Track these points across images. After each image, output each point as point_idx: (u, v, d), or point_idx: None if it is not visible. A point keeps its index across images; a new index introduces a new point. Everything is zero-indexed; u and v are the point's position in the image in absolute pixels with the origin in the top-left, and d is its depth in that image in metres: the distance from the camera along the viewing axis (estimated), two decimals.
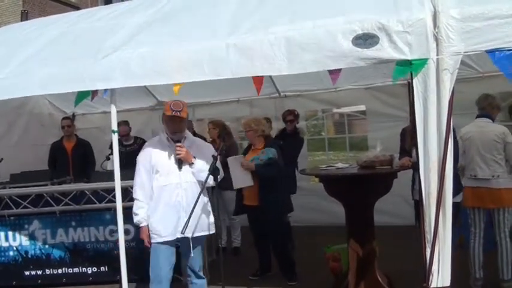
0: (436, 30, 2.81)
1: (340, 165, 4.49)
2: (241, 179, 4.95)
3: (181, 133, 3.83)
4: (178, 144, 3.72)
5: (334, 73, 3.19)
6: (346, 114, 8.22)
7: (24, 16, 13.63)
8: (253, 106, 7.84)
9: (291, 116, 6.36)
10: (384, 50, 2.87)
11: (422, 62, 2.81)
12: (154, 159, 3.78)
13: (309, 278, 5.05)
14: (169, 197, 3.73)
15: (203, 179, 3.73)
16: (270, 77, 6.84)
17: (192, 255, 3.79)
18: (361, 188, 4.07)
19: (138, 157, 3.87)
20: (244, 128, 5.25)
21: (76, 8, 14.30)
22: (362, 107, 7.49)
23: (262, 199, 4.89)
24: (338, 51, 3.02)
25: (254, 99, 7.71)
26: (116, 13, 4.62)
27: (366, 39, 2.91)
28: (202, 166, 3.76)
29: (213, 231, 3.96)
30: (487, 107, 4.51)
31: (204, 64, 3.40)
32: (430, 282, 2.89)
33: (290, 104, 7.31)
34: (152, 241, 3.76)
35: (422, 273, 2.98)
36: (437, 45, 2.83)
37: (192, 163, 3.75)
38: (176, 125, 3.78)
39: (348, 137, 8.15)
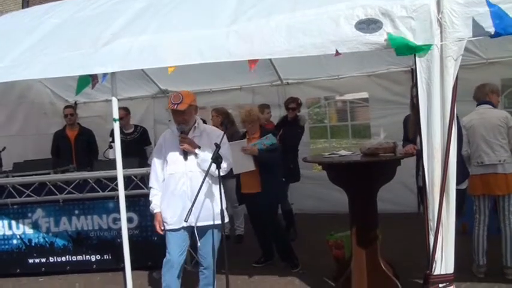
0: (440, 16, 2.77)
1: (343, 152, 4.47)
2: (243, 164, 4.91)
3: (185, 124, 3.84)
4: (182, 135, 3.77)
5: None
6: (349, 101, 8.18)
7: (25, 3, 13.57)
8: (256, 93, 7.81)
9: (293, 104, 6.32)
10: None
11: (426, 47, 2.78)
12: (164, 149, 3.86)
13: (312, 266, 5.06)
14: (175, 185, 3.77)
15: (206, 168, 3.72)
16: (273, 64, 6.82)
17: (198, 244, 3.81)
18: (365, 175, 4.04)
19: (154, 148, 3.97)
20: (247, 119, 5.10)
21: None
22: (365, 94, 7.46)
23: (263, 184, 4.91)
24: (340, 36, 2.99)
25: (256, 87, 7.70)
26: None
27: (369, 24, 2.87)
28: (205, 156, 3.76)
29: (220, 221, 3.83)
30: (483, 96, 4.53)
31: (203, 48, 3.39)
32: (433, 270, 2.89)
33: (292, 91, 7.28)
34: (165, 228, 3.83)
35: (425, 260, 2.98)
36: (441, 31, 2.79)
37: (196, 153, 3.77)
38: (178, 117, 3.80)
39: (351, 125, 8.10)
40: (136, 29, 3.75)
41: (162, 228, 3.76)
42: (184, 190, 3.76)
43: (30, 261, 5.61)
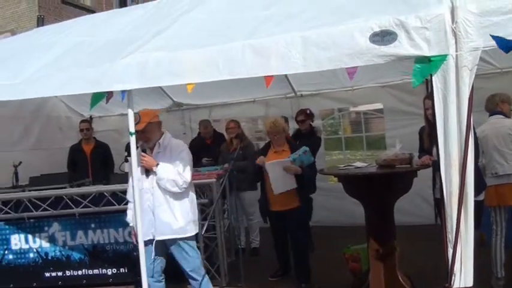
0: (454, 26, 2.75)
1: (359, 164, 4.45)
2: (285, 183, 4.79)
3: (147, 142, 4.03)
4: (142, 153, 3.95)
5: (351, 71, 3.15)
6: (363, 112, 8.15)
7: (41, 21, 13.71)
8: (269, 106, 7.84)
9: (301, 116, 6.30)
10: (402, 47, 2.82)
11: (442, 58, 2.75)
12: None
13: (328, 279, 5.01)
14: (143, 200, 3.89)
15: (163, 186, 3.91)
16: (286, 76, 6.83)
17: (152, 255, 3.94)
18: (381, 187, 4.02)
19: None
20: (275, 129, 4.98)
21: (91, 11, 14.41)
22: (379, 105, 7.42)
23: (301, 200, 4.86)
24: (355, 49, 2.97)
25: (270, 99, 7.72)
26: (131, 18, 4.66)
27: (383, 36, 2.86)
28: (161, 174, 3.89)
29: (183, 235, 3.97)
30: (494, 106, 4.53)
31: (219, 64, 3.39)
32: (452, 283, 2.84)
33: (306, 103, 7.28)
34: None
35: (444, 273, 2.93)
36: (456, 41, 2.77)
37: (154, 170, 3.93)
38: (139, 136, 3.93)
39: (365, 136, 8.07)
40: (152, 46, 3.77)
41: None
42: (149, 205, 3.94)
43: (47, 274, 5.65)
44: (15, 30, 13.90)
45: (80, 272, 5.60)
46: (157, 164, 3.92)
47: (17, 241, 5.71)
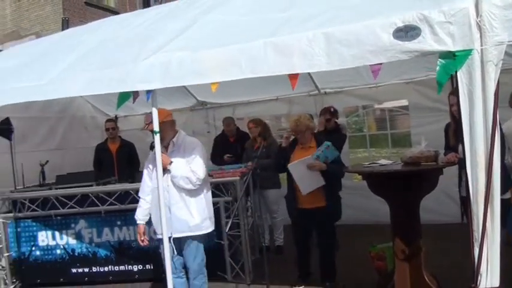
0: (479, 19, 2.69)
1: (383, 161, 4.40)
2: (311, 181, 4.68)
3: (161, 141, 3.98)
4: None
5: (375, 67, 3.12)
6: (388, 109, 8.05)
7: (65, 23, 13.98)
8: (293, 104, 7.82)
9: (326, 115, 6.27)
10: (426, 42, 2.77)
11: (467, 53, 2.70)
12: (151, 164, 4.15)
13: (353, 277, 4.98)
14: (157, 199, 3.90)
15: (178, 184, 3.98)
16: (309, 74, 6.79)
17: (174, 254, 4.01)
18: (406, 185, 3.97)
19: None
20: (297, 127, 4.85)
21: (115, 12, 14.61)
22: (404, 102, 7.32)
23: (329, 198, 4.75)
24: (379, 45, 2.93)
25: (293, 97, 7.69)
26: (154, 18, 4.70)
27: (407, 32, 2.81)
28: (175, 171, 3.96)
29: (199, 232, 4.05)
30: None
31: (242, 63, 3.39)
32: (478, 283, 2.79)
33: (330, 100, 7.23)
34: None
35: (470, 273, 2.88)
36: (480, 35, 2.71)
37: (168, 169, 3.97)
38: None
39: (390, 133, 7.97)
40: (175, 46, 3.80)
41: (142, 239, 3.95)
42: (165, 203, 3.89)
43: (74, 270, 5.79)
44: (40, 33, 14.16)
45: (106, 268, 5.70)
46: (171, 162, 3.98)
47: (44, 238, 5.86)
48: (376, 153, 10.36)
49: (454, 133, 4.13)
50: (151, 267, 5.54)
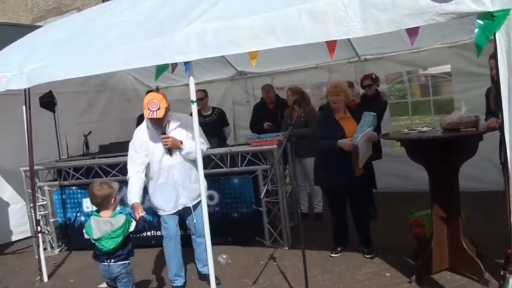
0: None
1: (423, 128, 4.34)
2: (367, 153, 4.73)
3: (162, 126, 4.16)
4: (164, 136, 4.15)
5: (412, 33, 3.05)
6: (430, 75, 7.82)
7: None
8: (332, 72, 7.72)
9: (368, 81, 6.19)
10: (464, 3, 2.68)
11: (505, 13, 2.59)
12: (144, 145, 4.24)
13: (392, 244, 4.99)
14: (166, 178, 4.24)
15: (193, 158, 4.14)
16: (349, 40, 6.67)
17: (193, 218, 4.35)
18: (445, 151, 3.92)
19: (130, 144, 4.36)
20: (335, 89, 4.75)
21: None
22: (447, 67, 7.10)
23: (369, 165, 4.87)
24: (415, 8, 2.86)
25: (333, 65, 7.59)
26: None
27: None
28: (190, 148, 4.12)
29: (199, 197, 4.17)
30: None
31: (277, 31, 3.38)
32: None
33: (371, 67, 7.12)
34: (160, 214, 4.42)
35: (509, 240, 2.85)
36: None
37: (180, 148, 4.17)
38: (155, 122, 4.15)
39: (433, 100, 7.77)
40: (209, 16, 3.81)
41: (142, 214, 3.87)
42: (176, 180, 4.24)
43: None
44: (81, 8, 14.40)
45: (148, 233, 5.94)
46: (181, 142, 4.16)
47: (88, 204, 6.07)
48: (419, 120, 10.15)
49: (494, 98, 3.99)
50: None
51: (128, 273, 3.70)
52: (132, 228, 3.64)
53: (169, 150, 4.21)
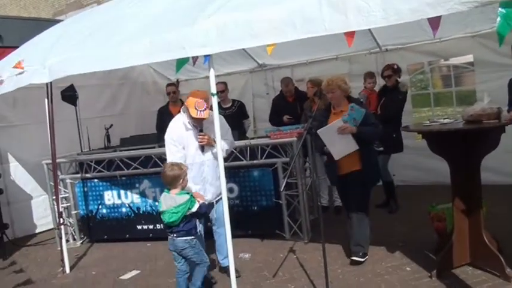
0: None
1: (445, 120, 4.27)
2: (343, 146, 4.49)
3: (201, 124, 4.32)
4: (201, 134, 4.28)
5: (434, 23, 2.99)
6: (453, 66, 7.69)
7: None
8: (353, 63, 7.66)
9: (388, 71, 6.09)
10: None
11: None
12: (181, 140, 4.32)
13: (412, 238, 4.95)
14: (195, 173, 4.32)
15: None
16: (369, 29, 6.59)
17: (216, 213, 4.49)
18: (466, 144, 3.85)
19: (167, 138, 4.40)
20: (329, 87, 4.59)
21: None
22: (469, 57, 6.96)
23: (364, 161, 4.50)
24: None
25: (353, 56, 7.53)
26: None
27: None
28: (225, 146, 4.26)
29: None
30: None
31: (297, 23, 3.35)
32: None
33: (392, 58, 7.01)
34: None
35: None
36: None
37: (213, 146, 4.24)
38: (199, 122, 4.27)
39: (455, 91, 7.63)
40: (229, 6, 3.79)
41: (203, 201, 4.06)
42: (205, 176, 4.37)
43: (139, 227, 6.13)
44: (101, 1, 14.47)
45: (151, 226, 6.04)
46: (214, 140, 4.16)
47: (110, 197, 6.20)
48: (441, 112, 10.01)
49: None
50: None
51: (193, 247, 4.01)
52: (194, 209, 3.94)
53: (202, 147, 4.33)
